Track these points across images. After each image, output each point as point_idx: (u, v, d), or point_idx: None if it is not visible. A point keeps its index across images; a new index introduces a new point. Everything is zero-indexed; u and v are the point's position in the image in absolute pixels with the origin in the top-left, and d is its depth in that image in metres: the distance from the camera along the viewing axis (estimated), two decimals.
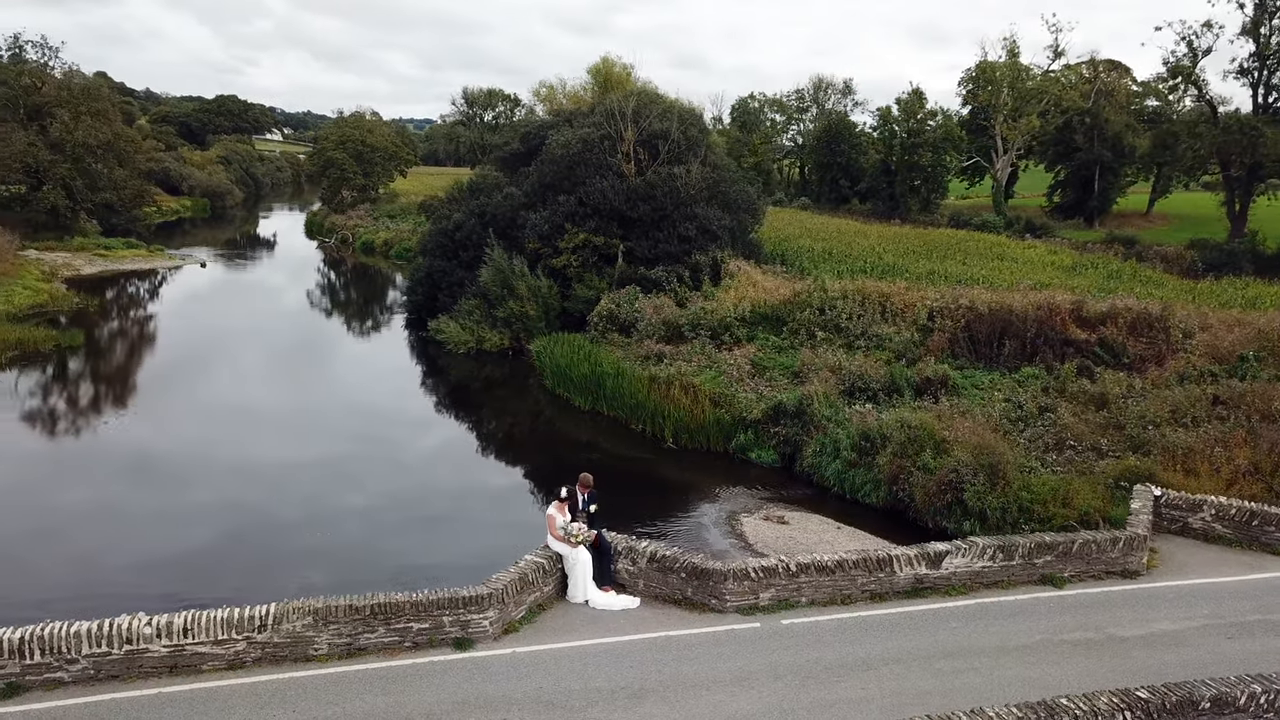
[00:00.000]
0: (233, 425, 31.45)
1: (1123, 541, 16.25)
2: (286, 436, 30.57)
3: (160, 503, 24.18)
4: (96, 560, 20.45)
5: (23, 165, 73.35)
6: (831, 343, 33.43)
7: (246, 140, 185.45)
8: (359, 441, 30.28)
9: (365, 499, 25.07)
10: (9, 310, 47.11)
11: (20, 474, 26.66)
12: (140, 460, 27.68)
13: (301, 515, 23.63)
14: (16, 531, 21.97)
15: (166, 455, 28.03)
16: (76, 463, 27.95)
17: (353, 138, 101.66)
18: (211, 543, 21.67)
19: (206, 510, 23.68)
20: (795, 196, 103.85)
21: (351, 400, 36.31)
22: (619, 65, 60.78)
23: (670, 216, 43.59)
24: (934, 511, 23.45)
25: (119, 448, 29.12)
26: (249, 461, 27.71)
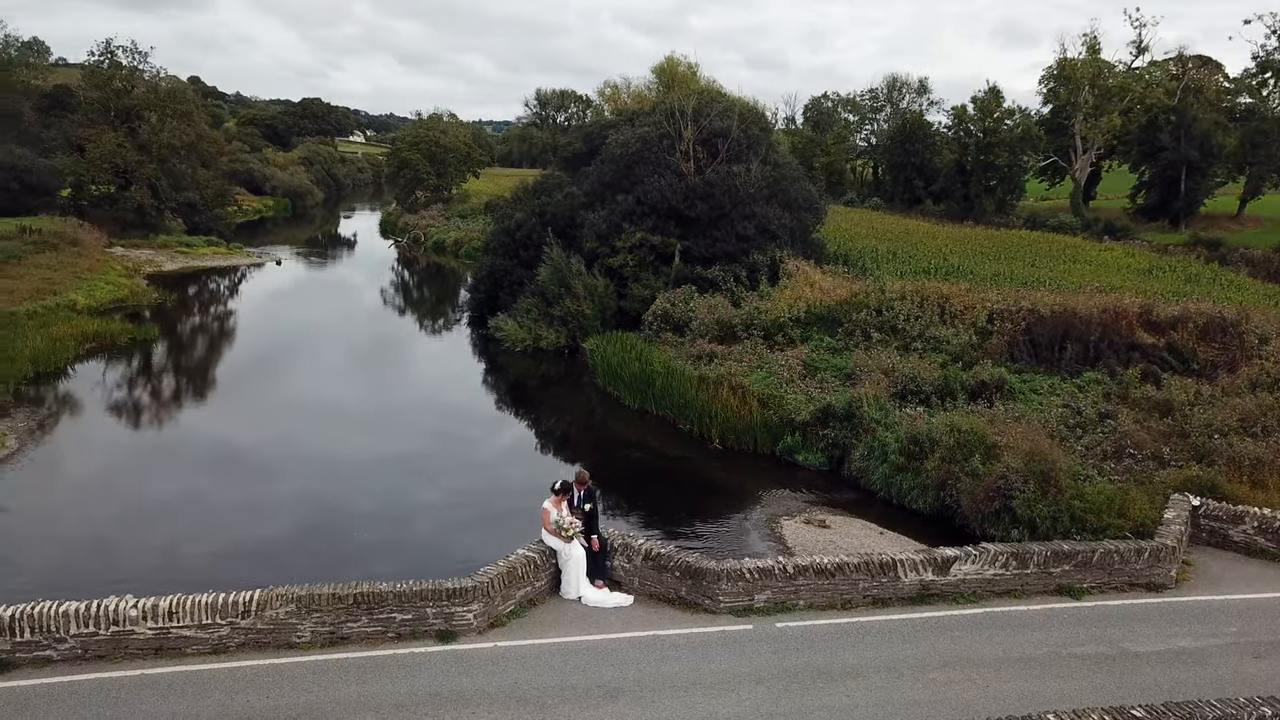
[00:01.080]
0: (310, 420, 32.14)
1: (1148, 552, 15.41)
2: (361, 432, 30.96)
3: (241, 494, 24.71)
4: (179, 548, 20.97)
5: (112, 166, 76.28)
6: (887, 344, 32.69)
7: (329, 142, 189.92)
8: (428, 437, 30.66)
9: (437, 495, 25.32)
10: (90, 304, 48.92)
11: (111, 463, 27.56)
12: (223, 452, 28.40)
13: (376, 508, 23.94)
14: (107, 518, 22.72)
15: (248, 448, 28.75)
16: (163, 453, 28.78)
17: (427, 139, 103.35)
18: (289, 534, 22.10)
19: (285, 502, 24.18)
20: (867, 197, 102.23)
21: (419, 396, 36.85)
22: (683, 64, 60.62)
23: (728, 215, 43.19)
24: (981, 518, 22.73)
25: (202, 439, 29.96)
26: (327, 455, 28.17)
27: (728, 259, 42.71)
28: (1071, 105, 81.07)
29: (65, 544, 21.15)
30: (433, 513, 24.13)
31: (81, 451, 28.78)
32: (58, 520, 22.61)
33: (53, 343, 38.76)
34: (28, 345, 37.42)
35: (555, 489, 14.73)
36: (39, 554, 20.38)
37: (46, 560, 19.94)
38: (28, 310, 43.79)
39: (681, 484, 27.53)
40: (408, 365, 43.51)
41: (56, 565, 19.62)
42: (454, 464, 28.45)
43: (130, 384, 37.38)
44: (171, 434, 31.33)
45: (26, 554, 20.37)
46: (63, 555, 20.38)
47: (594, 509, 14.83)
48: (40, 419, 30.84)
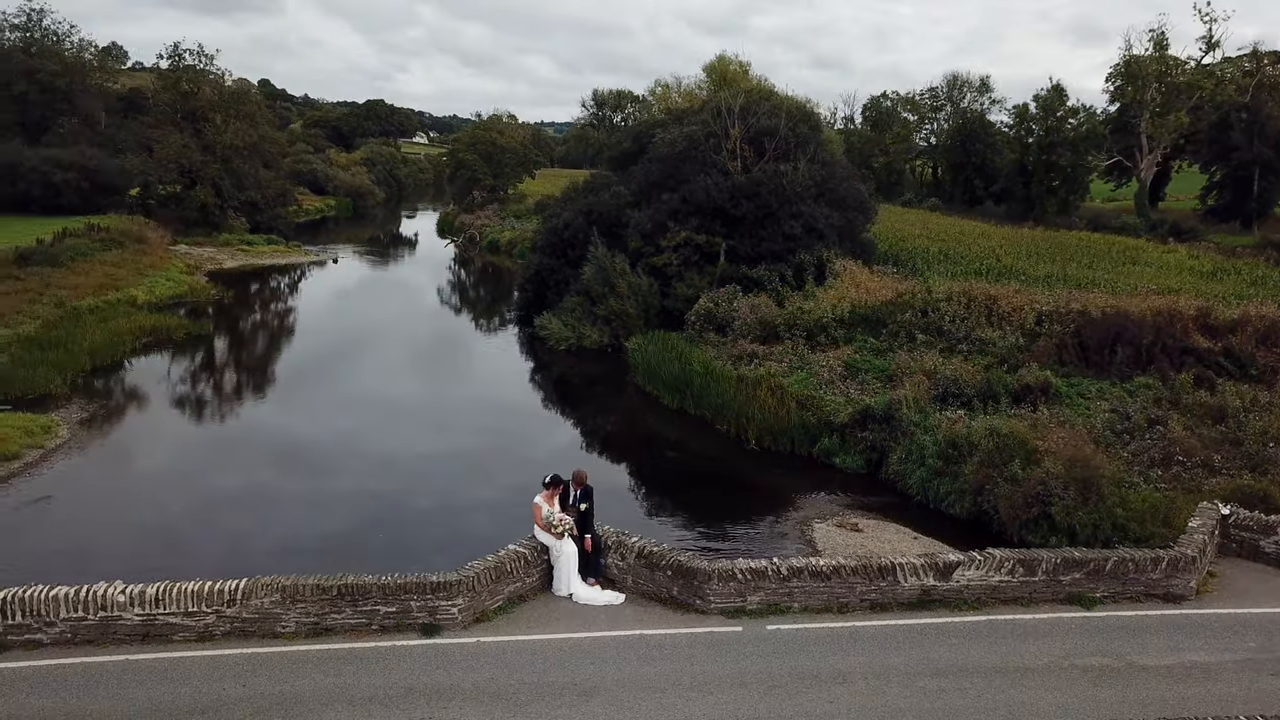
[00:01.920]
0: (368, 416, 32.44)
1: (1165, 562, 14.71)
2: (419, 428, 31.21)
3: (305, 489, 24.99)
4: (244, 542, 21.26)
5: (178, 166, 78.36)
6: (932, 346, 32.00)
7: (391, 143, 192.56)
8: (482, 435, 30.78)
9: (493, 492, 25.33)
10: (150, 300, 50.25)
11: (159, 454, 28.18)
12: (276, 446, 28.87)
13: (435, 505, 24.10)
14: (177, 511, 23.20)
15: (303, 442, 29.16)
16: (214, 446, 29.39)
17: (484, 140, 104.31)
18: (351, 529, 22.23)
19: (347, 497, 24.37)
20: (926, 198, 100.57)
21: (473, 394, 37.19)
22: (735, 63, 60.17)
23: (775, 215, 42.74)
24: (1020, 525, 22.09)
25: (253, 433, 30.65)
26: (386, 452, 28.37)
27: (773, 258, 42.26)
28: (1138, 104, 78.72)
29: (103, 531, 21.68)
30: (490, 510, 24.04)
31: (129, 442, 29.51)
32: (97, 508, 23.18)
33: (111, 337, 39.85)
34: (87, 339, 38.50)
35: (546, 483, 14.59)
36: (76, 540, 20.88)
37: (81, 547, 20.43)
38: (89, 305, 45.07)
39: (715, 485, 27.28)
40: (461, 363, 43.82)
41: (92, 552, 20.09)
42: (510, 461, 28.31)
43: (183, 378, 38.22)
44: (223, 427, 32.02)
45: (64, 539, 20.88)
46: (99, 542, 20.87)
47: (589, 509, 14.63)
48: (93, 411, 31.69)
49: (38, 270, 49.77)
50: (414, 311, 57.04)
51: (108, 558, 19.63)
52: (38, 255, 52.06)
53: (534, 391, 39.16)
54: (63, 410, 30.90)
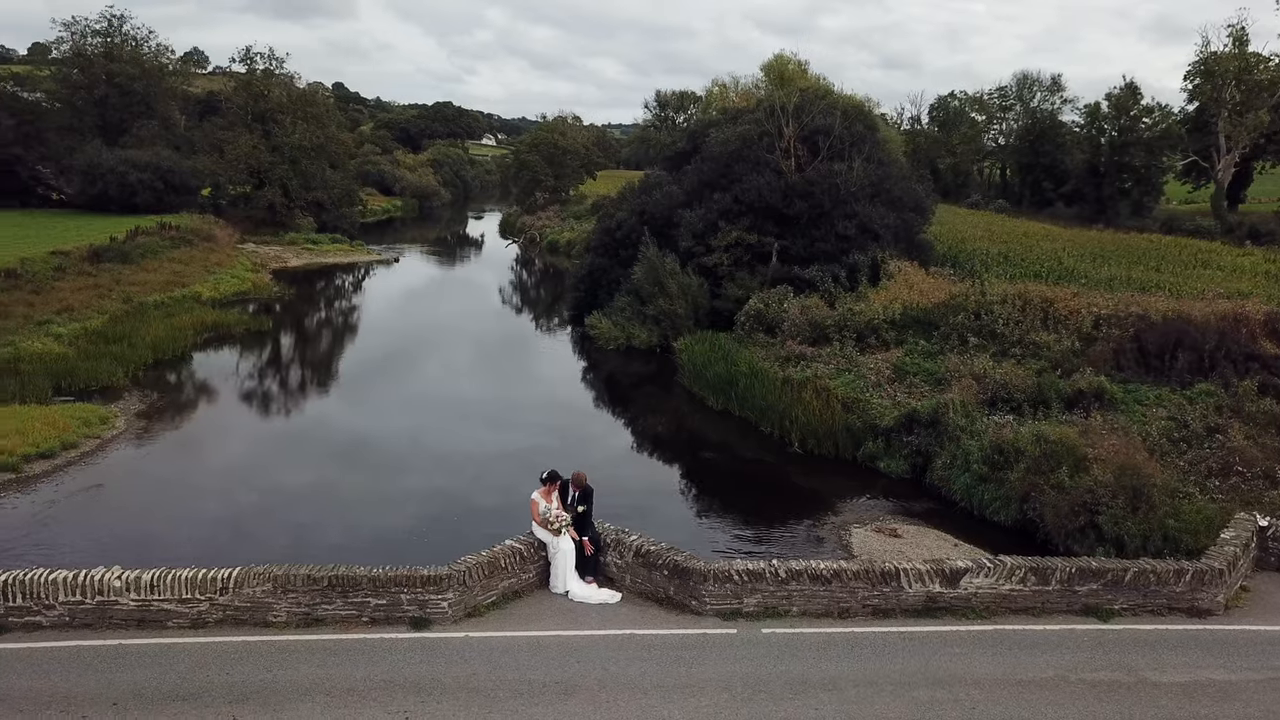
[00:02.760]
0: (427, 412, 32.75)
1: (1190, 574, 13.94)
2: (479, 426, 31.38)
3: (369, 485, 25.17)
4: (310, 536, 21.49)
5: (247, 166, 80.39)
6: (985, 349, 31.18)
7: (458, 145, 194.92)
8: (543, 434, 30.69)
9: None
10: (214, 296, 51.60)
11: (233, 449, 28.74)
12: (344, 442, 29.17)
13: (499, 503, 23.85)
14: (246, 505, 23.63)
15: (369, 438, 29.38)
16: (285, 441, 30.01)
17: (545, 141, 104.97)
18: (414, 526, 22.32)
19: (411, 494, 24.53)
20: (993, 199, 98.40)
21: (530, 392, 37.29)
22: (793, 62, 59.54)
23: (829, 215, 42.16)
24: (1066, 534, 21.39)
25: (320, 428, 31.18)
26: (448, 449, 28.66)
27: (827, 259, 41.68)
28: (1215, 102, 75.87)
29: (148, 518, 22.23)
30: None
31: (183, 434, 30.25)
32: (144, 496, 23.79)
33: (173, 331, 40.95)
34: (150, 333, 39.63)
35: (544, 479, 14.45)
36: (118, 527, 21.44)
37: (122, 534, 20.96)
38: (155, 301, 46.43)
39: (756, 487, 26.95)
40: (518, 361, 43.94)
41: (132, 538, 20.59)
42: (570, 461, 28.29)
43: (240, 373, 39.08)
44: (279, 421, 32.80)
45: (107, 526, 21.45)
46: (142, 530, 21.40)
47: (588, 510, 14.44)
48: (150, 403, 32.56)
49: (109, 267, 51.39)
50: (474, 311, 57.42)
51: (149, 545, 20.09)
52: (110, 252, 53.75)
53: (586, 391, 39.17)
54: (122, 402, 31.82)
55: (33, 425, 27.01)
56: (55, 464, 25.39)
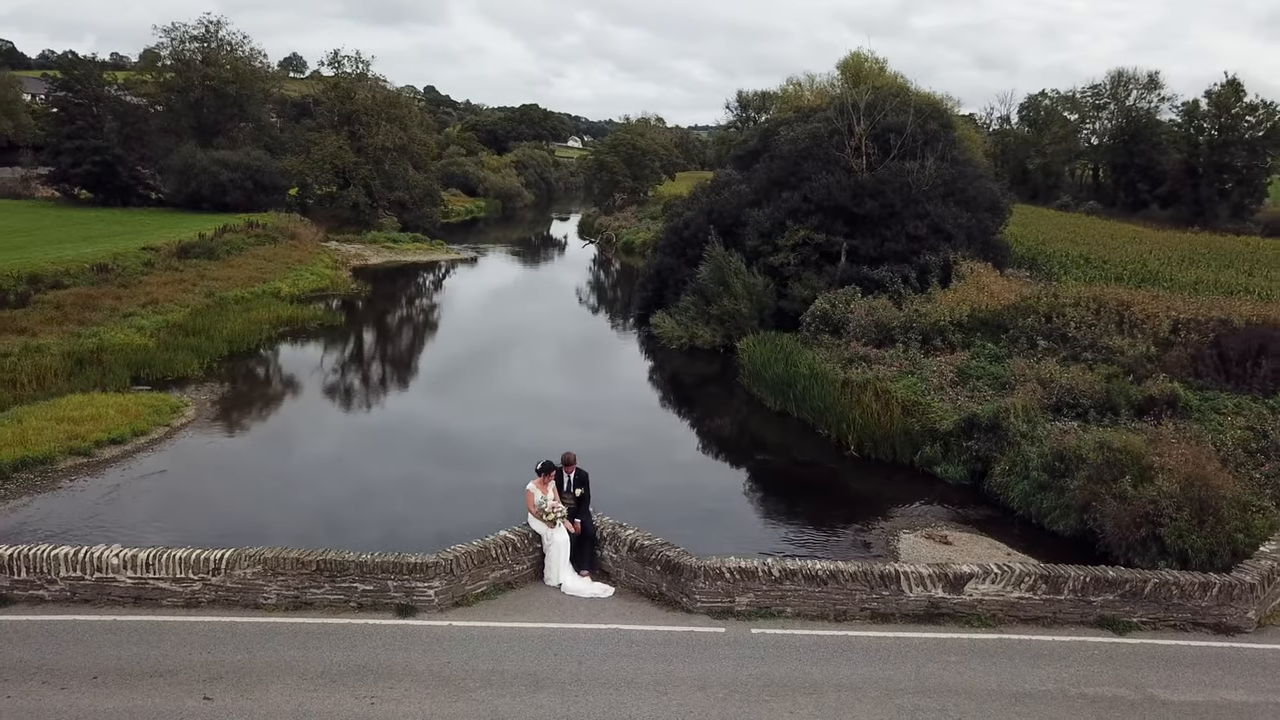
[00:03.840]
0: (501, 409, 33.07)
1: (1217, 588, 12.99)
2: (559, 423, 31.34)
3: (456, 481, 25.45)
4: (398, 530, 21.55)
5: (333, 167, 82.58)
6: (1055, 353, 30.07)
7: (543, 146, 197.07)
8: (626, 433, 30.91)
9: (639, 491, 25.21)
10: (293, 292, 52.99)
11: (313, 442, 29.52)
12: (416, 435, 29.68)
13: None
14: (337, 497, 24.12)
15: (456, 435, 29.78)
16: (349, 434, 30.52)
17: (624, 143, 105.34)
18: (500, 523, 22.40)
19: (495, 492, 24.13)
20: (1084, 201, 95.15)
21: (604, 391, 37.52)
22: (870, 60, 58.51)
23: (899, 214, 41.22)
24: (1126, 546, 20.40)
25: (380, 422, 31.86)
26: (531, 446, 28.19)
27: (897, 259, 40.74)
28: None
29: (204, 505, 22.88)
30: (639, 509, 23.79)
31: (249, 424, 31.13)
32: (203, 482, 24.53)
33: (249, 325, 42.21)
34: (227, 327, 40.92)
35: (538, 470, 14.28)
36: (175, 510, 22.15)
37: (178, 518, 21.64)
38: (235, 296, 47.93)
39: (807, 490, 26.47)
40: (593, 360, 44.08)
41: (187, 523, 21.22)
42: (656, 461, 28.50)
43: (310, 367, 40.05)
44: (344, 414, 33.53)
45: (164, 510, 22.17)
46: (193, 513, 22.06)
47: (585, 493, 14.22)
48: (221, 393, 33.61)
49: (195, 263, 53.35)
50: (549, 310, 57.61)
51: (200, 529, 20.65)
52: (197, 249, 55.78)
53: (652, 390, 39.04)
54: (194, 392, 32.90)
55: (107, 412, 28.11)
56: (125, 449, 26.35)
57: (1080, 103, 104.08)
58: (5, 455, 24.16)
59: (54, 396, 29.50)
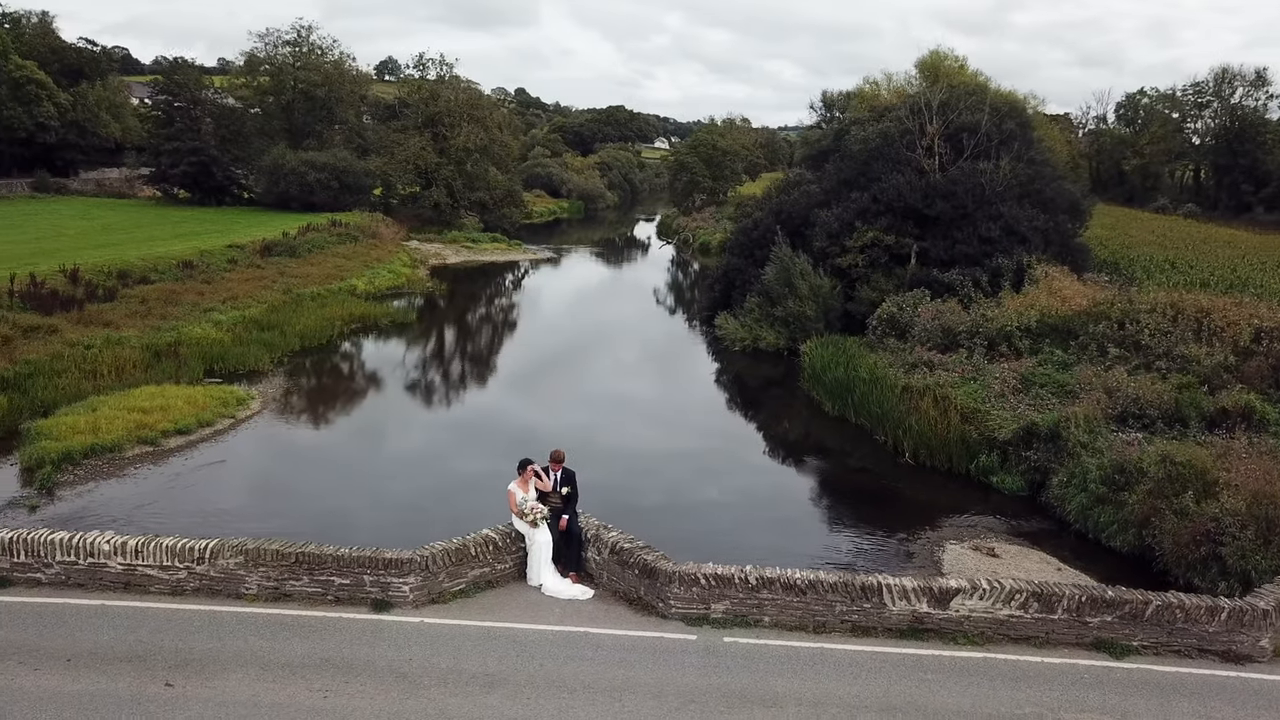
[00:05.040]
0: (577, 408, 33.46)
1: (1226, 613, 12.05)
2: (632, 423, 31.86)
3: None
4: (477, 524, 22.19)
5: (415, 167, 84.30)
6: (1126, 361, 28.80)
7: (628, 148, 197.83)
8: (705, 436, 31.02)
9: (719, 493, 25.48)
10: (369, 290, 54.21)
11: (400, 438, 30.16)
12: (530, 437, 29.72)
13: (664, 502, 24.29)
14: (422, 489, 24.72)
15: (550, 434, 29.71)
16: (466, 431, 31.03)
17: (705, 144, 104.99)
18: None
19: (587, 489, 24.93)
20: (1183, 203, 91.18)
21: (667, 391, 37.58)
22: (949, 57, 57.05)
23: (971, 216, 40.09)
24: (1185, 565, 19.44)
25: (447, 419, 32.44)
26: (604, 445, 28.68)
27: (968, 262, 39.60)
28: None
29: (256, 496, 23.53)
30: (719, 511, 23.97)
31: (312, 417, 31.91)
32: (260, 475, 25.24)
33: (322, 322, 43.26)
34: (300, 323, 42.03)
35: (519, 466, 14.09)
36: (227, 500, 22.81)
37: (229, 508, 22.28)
38: (312, 293, 49.23)
39: (857, 496, 25.89)
40: (662, 360, 43.91)
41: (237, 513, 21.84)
42: (736, 463, 28.48)
43: (378, 363, 40.88)
44: (408, 410, 34.04)
45: (217, 500, 22.84)
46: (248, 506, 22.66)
47: (572, 492, 14.00)
48: (288, 387, 34.56)
49: (277, 260, 55.00)
50: (623, 310, 57.59)
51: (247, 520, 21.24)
52: (279, 247, 57.52)
53: (719, 392, 38.80)
54: (262, 385, 33.87)
55: (176, 403, 29.11)
56: (190, 440, 27.25)
57: (1181, 101, 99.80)
58: (77, 442, 25.23)
59: (130, 387, 30.66)
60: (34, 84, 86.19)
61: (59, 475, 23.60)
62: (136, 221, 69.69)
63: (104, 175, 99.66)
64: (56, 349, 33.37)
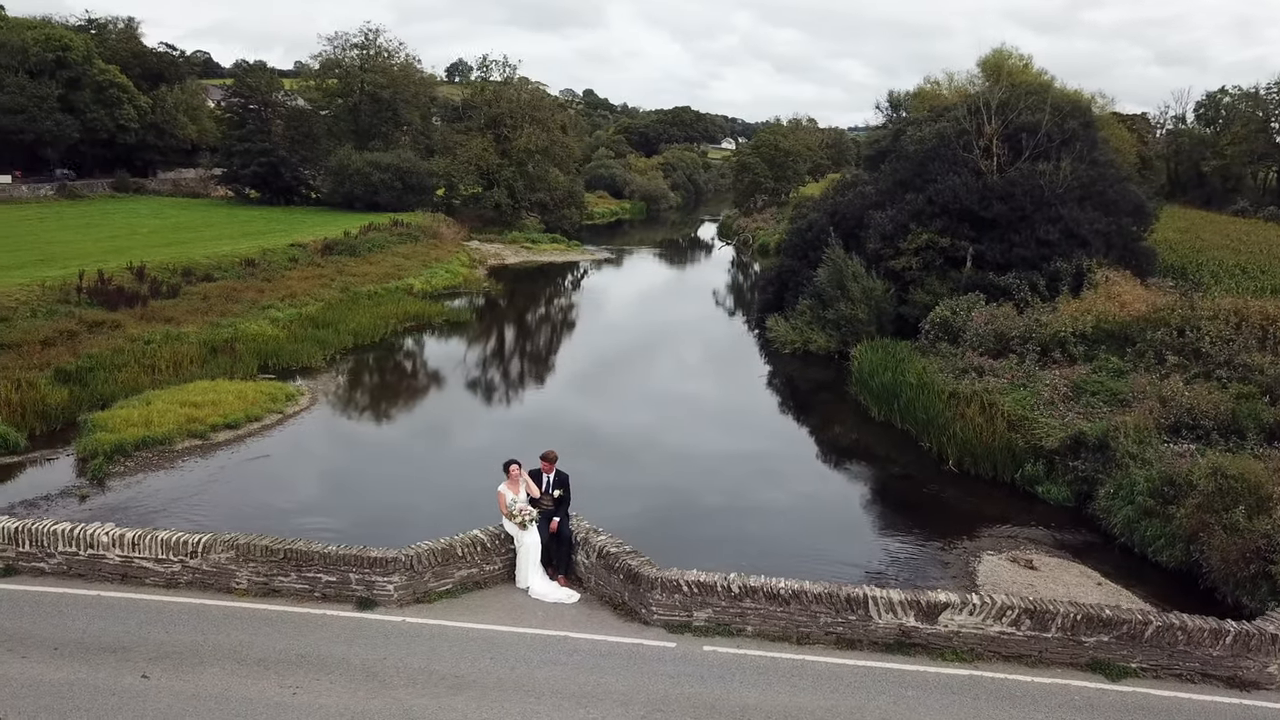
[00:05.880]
0: (633, 408, 33.69)
1: (1231, 637, 11.33)
2: (687, 423, 31.79)
3: (606, 478, 25.44)
4: None
5: (477, 168, 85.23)
6: (1185, 369, 27.74)
7: (693, 148, 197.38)
8: (771, 438, 30.96)
9: (782, 496, 25.38)
10: (425, 289, 54.94)
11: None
12: (588, 436, 29.84)
13: (724, 503, 24.27)
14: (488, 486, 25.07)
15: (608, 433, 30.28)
16: (524, 429, 30.58)
17: (767, 144, 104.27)
18: (644, 519, 22.38)
19: (642, 490, 24.94)
20: (1265, 205, 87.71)
21: (718, 392, 37.39)
22: (1014, 56, 55.68)
23: (1029, 218, 39.06)
24: (1234, 582, 18.64)
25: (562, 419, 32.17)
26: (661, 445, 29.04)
27: (1025, 265, 38.61)
28: None
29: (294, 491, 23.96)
30: (781, 515, 23.86)
31: (359, 413, 32.48)
32: (301, 470, 25.72)
33: (376, 320, 43.94)
34: (354, 320, 42.75)
35: (505, 467, 13.96)
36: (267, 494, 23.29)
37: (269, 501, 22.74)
38: (369, 291, 50.06)
39: (897, 504, 25.39)
40: (716, 361, 43.73)
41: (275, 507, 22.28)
42: (790, 465, 28.38)
43: (428, 361, 41.43)
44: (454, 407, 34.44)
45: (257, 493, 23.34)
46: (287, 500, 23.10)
47: (564, 495, 13.84)
48: (338, 383, 35.19)
49: (336, 259, 56.08)
50: (679, 312, 57.23)
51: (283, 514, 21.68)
52: (340, 246, 58.64)
53: (772, 395, 38.47)
54: (312, 381, 34.53)
55: (227, 398, 29.81)
56: (238, 434, 27.87)
57: (1266, 100, 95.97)
58: (130, 435, 25.99)
59: (185, 382, 31.51)
60: (115, 87, 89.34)
61: (110, 466, 24.31)
62: (207, 220, 71.71)
63: (180, 175, 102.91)
64: (119, 344, 34.47)
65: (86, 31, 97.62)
